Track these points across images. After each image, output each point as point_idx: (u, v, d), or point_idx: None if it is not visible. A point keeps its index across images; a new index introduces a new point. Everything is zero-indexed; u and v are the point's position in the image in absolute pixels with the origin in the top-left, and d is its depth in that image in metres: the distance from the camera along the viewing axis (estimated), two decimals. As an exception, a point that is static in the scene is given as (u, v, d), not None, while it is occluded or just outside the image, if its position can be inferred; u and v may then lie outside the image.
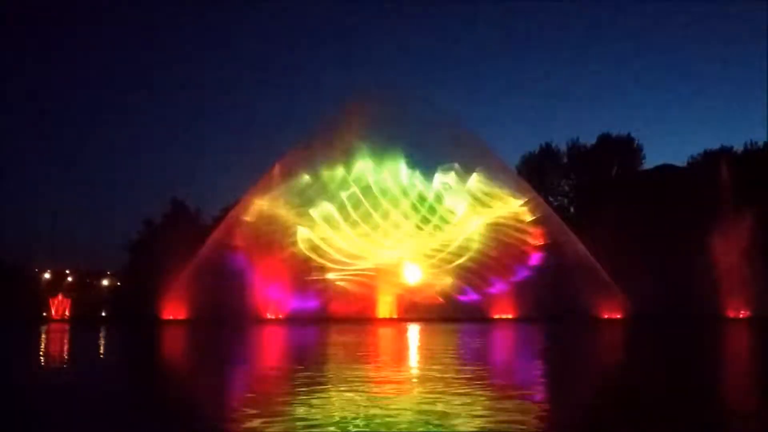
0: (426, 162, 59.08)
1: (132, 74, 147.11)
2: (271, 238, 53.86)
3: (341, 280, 54.76)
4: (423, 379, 12.19)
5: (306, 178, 55.65)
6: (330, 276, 54.70)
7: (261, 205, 54.62)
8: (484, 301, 54.91)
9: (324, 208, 55.62)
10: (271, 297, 53.70)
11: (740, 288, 52.83)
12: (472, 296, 54.80)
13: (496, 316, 53.82)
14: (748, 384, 12.07)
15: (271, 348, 24.27)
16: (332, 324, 42.90)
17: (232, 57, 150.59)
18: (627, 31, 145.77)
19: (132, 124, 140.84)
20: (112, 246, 63.26)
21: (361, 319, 50.08)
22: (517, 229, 56.44)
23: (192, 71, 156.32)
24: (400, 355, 19.07)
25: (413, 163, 58.19)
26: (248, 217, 54.18)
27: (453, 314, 52.32)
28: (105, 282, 66.72)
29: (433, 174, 58.44)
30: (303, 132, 54.77)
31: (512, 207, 56.92)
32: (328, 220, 55.64)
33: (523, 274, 55.29)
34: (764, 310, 52.50)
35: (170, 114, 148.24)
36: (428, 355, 18.64)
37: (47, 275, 59.20)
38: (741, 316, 52.34)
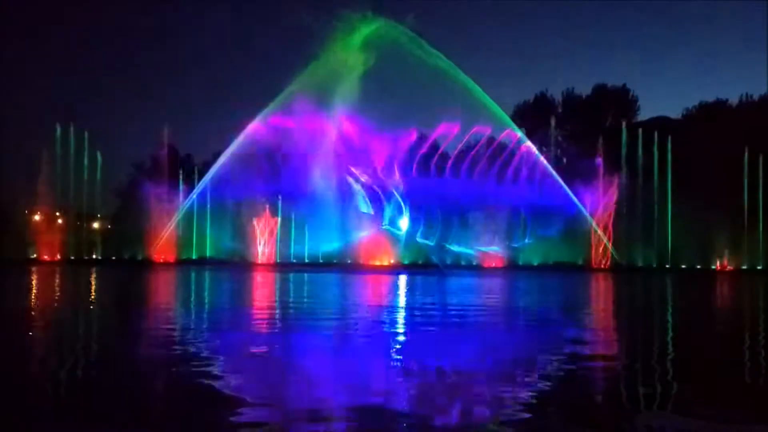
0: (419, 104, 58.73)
1: (124, 20, 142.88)
2: None
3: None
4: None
5: None
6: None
7: None
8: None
9: None
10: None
11: (727, 241, 53.62)
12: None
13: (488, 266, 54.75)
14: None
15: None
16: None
17: (221, 5, 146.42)
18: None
19: (122, 68, 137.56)
20: (103, 189, 62.46)
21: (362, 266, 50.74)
22: None
23: (183, 17, 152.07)
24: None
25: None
26: None
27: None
28: (96, 225, 66.56)
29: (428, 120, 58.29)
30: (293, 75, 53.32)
31: None
32: None
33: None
34: (749, 262, 53.48)
35: (161, 59, 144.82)
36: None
37: (37, 217, 58.91)
38: (726, 269, 53.17)
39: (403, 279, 32.86)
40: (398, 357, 8.22)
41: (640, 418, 5.18)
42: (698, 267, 53.65)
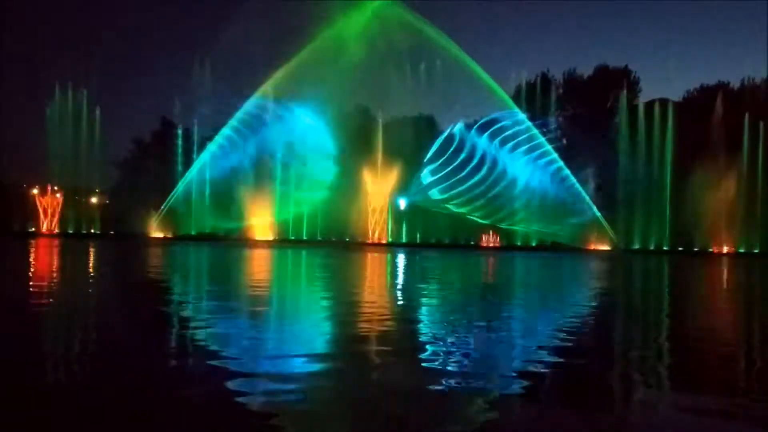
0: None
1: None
2: None
3: None
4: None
5: None
6: None
7: None
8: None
9: None
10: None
11: (725, 224, 53.76)
12: None
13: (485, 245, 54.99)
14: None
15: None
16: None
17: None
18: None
19: (122, 40, 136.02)
20: (101, 163, 62.27)
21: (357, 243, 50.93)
22: None
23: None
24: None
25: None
26: None
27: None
28: (94, 200, 66.41)
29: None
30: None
31: None
32: None
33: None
34: (748, 245, 53.67)
35: (161, 33, 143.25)
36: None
37: (35, 191, 58.80)
38: (724, 251, 53.30)
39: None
40: None
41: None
42: (695, 249, 53.83)
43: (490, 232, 56.24)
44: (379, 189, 55.48)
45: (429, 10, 54.32)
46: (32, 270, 16.27)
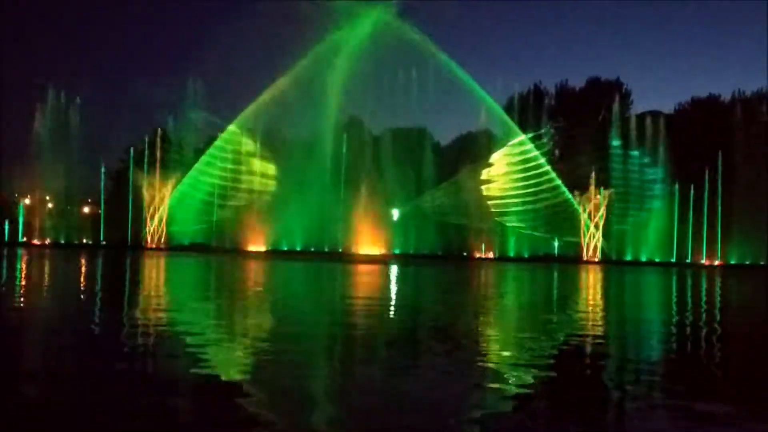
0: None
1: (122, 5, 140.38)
2: None
3: None
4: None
5: None
6: None
7: None
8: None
9: None
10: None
11: (715, 236, 54.06)
12: None
13: (478, 255, 55.07)
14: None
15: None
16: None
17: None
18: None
19: (115, 48, 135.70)
20: (93, 173, 61.99)
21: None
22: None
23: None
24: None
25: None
26: None
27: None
28: (86, 209, 66.04)
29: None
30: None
31: None
32: None
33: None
34: (738, 257, 53.96)
35: (156, 42, 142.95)
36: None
37: (27, 201, 58.47)
38: (715, 263, 53.52)
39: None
40: None
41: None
42: (687, 261, 54.09)
43: (483, 245, 56.41)
44: (373, 200, 55.29)
45: (422, 22, 54.43)
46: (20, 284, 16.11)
